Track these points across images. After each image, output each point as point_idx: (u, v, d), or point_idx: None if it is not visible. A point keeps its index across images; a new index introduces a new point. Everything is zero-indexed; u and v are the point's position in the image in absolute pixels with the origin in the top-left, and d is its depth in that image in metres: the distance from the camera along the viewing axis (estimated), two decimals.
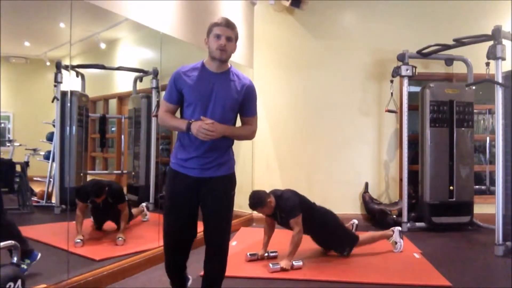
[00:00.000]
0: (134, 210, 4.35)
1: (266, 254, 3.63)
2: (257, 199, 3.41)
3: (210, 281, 2.35)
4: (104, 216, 4.03)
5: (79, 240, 3.51)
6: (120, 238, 3.70)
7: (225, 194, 2.28)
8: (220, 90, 2.17)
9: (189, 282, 2.60)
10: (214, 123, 2.10)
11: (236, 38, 2.23)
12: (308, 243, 3.85)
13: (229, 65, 2.27)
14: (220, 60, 2.18)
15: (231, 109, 2.21)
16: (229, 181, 2.30)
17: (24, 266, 2.77)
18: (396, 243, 3.87)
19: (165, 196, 2.36)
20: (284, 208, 3.48)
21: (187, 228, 2.32)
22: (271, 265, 3.31)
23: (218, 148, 2.21)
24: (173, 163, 2.27)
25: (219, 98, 2.16)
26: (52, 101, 3.98)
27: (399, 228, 3.99)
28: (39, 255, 2.86)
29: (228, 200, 2.31)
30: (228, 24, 2.16)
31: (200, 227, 2.36)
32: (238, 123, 2.34)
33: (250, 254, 3.60)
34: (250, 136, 2.34)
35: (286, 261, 3.34)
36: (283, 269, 3.29)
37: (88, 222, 4.04)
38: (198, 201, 2.27)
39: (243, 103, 2.26)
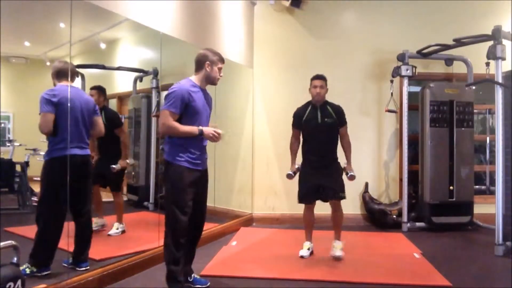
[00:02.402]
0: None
1: (297, 167, 3.74)
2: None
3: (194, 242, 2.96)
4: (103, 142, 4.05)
5: None
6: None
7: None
8: (208, 103, 2.89)
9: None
10: (217, 127, 2.78)
11: None
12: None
13: None
14: (214, 85, 2.92)
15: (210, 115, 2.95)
16: None
17: (27, 271, 2.77)
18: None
19: (175, 192, 2.70)
20: (337, 110, 3.68)
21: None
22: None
23: (205, 147, 2.88)
24: (182, 161, 2.71)
25: (209, 109, 2.90)
26: None
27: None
28: (48, 272, 2.85)
29: None
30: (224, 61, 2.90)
31: None
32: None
33: (288, 174, 3.68)
34: None
35: (350, 166, 3.67)
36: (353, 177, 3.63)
37: None
38: (198, 191, 2.81)
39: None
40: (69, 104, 2.91)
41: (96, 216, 4.07)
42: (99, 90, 4.02)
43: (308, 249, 3.70)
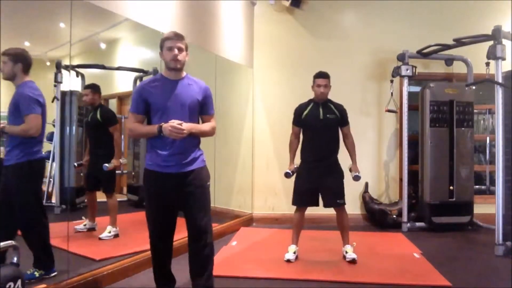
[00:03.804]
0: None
1: (295, 166, 3.64)
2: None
3: (202, 265, 2.48)
4: (93, 143, 4.01)
5: None
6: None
7: (202, 184, 2.49)
8: (182, 93, 2.42)
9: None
10: (182, 123, 2.31)
11: (186, 48, 2.45)
12: (308, 242, 3.86)
13: (185, 73, 2.50)
14: (175, 69, 2.42)
15: (194, 109, 2.46)
16: (205, 172, 2.53)
17: (37, 274, 2.77)
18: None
19: (146, 197, 2.51)
20: (340, 109, 3.64)
21: (172, 222, 2.52)
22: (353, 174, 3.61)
23: (189, 145, 2.44)
24: (150, 165, 2.45)
25: (182, 101, 2.42)
26: (52, 101, 3.97)
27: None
28: (56, 273, 2.84)
29: (206, 189, 2.52)
30: (178, 36, 2.41)
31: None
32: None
33: (286, 173, 3.56)
34: (212, 132, 2.56)
35: (356, 167, 3.66)
36: (358, 177, 3.60)
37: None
38: (177, 196, 2.43)
39: (203, 103, 2.51)
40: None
41: (86, 218, 4.05)
42: (93, 88, 3.97)
43: (294, 252, 3.59)
